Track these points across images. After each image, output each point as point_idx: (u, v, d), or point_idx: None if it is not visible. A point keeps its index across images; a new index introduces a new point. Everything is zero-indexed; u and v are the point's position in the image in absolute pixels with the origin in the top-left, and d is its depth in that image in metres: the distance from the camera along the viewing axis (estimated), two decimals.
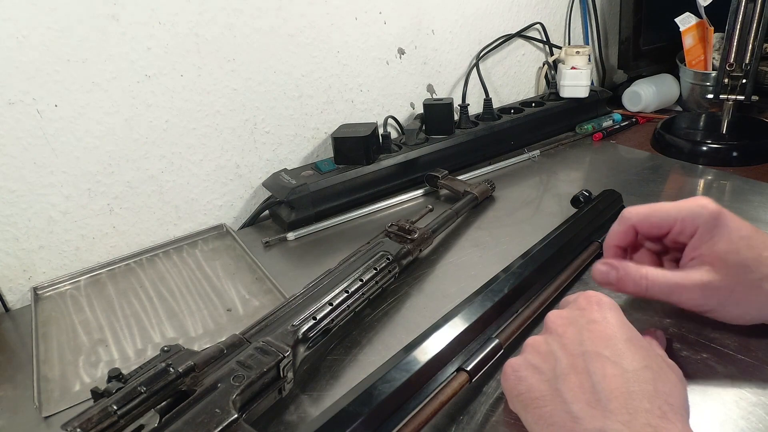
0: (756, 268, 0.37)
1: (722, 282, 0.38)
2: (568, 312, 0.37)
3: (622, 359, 0.32)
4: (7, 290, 0.61)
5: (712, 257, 0.38)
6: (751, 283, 0.37)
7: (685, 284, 0.39)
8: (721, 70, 0.75)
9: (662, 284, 0.40)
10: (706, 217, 0.39)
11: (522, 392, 0.34)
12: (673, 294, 0.40)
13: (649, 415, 0.29)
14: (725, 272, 0.38)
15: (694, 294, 0.39)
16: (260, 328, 0.41)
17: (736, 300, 0.38)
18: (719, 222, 0.38)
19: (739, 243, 0.38)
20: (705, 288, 0.38)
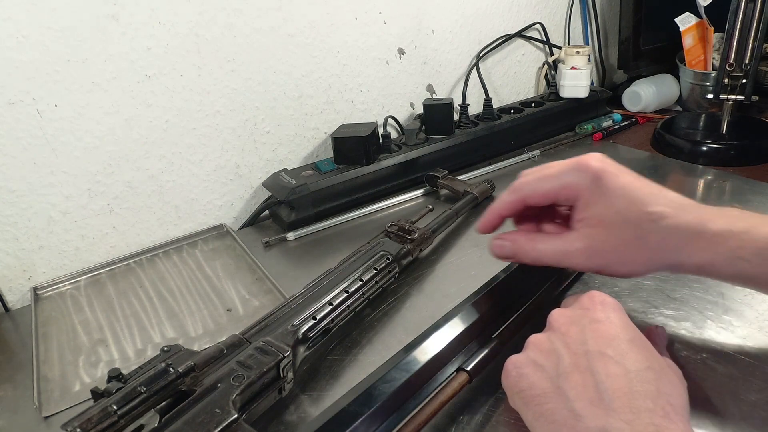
0: (639, 225, 0.37)
1: (605, 244, 0.38)
2: (571, 311, 0.37)
3: (625, 359, 0.32)
4: (7, 290, 0.61)
5: (595, 220, 0.38)
6: (635, 240, 0.37)
7: (570, 250, 0.39)
8: (721, 70, 0.75)
9: (550, 253, 0.40)
10: (587, 182, 0.38)
11: (523, 389, 0.34)
12: (561, 261, 0.40)
13: (652, 414, 0.29)
14: (608, 234, 0.38)
15: (579, 258, 0.39)
16: (260, 328, 0.41)
17: (621, 259, 0.38)
18: (600, 183, 0.38)
19: (620, 203, 0.37)
20: (588, 251, 0.39)
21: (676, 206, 0.37)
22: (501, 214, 0.44)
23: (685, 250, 0.37)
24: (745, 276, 0.36)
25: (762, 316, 0.44)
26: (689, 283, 0.49)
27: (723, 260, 0.36)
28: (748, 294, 0.47)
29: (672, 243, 0.37)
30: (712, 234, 0.36)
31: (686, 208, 0.37)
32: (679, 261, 0.37)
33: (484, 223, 0.44)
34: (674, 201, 0.38)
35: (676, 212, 0.37)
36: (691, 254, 0.37)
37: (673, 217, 0.37)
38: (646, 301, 0.47)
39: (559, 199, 0.41)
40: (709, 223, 0.36)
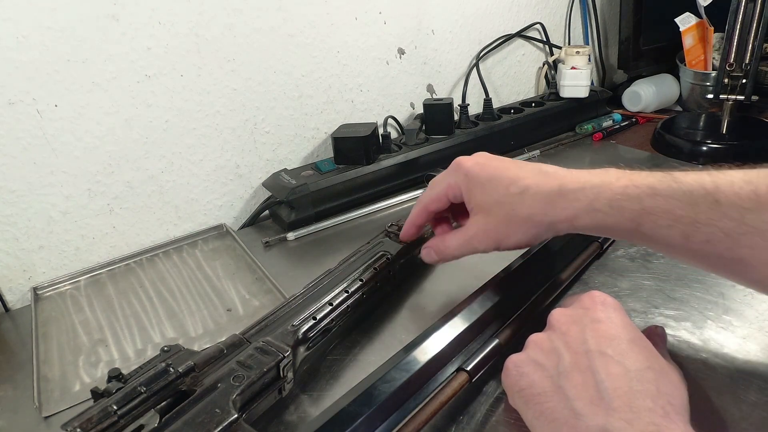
0: (508, 203, 0.42)
1: (489, 224, 0.43)
2: (572, 311, 0.37)
3: (625, 359, 0.32)
4: (7, 290, 0.61)
5: (477, 208, 0.44)
6: (510, 215, 0.42)
7: (467, 238, 0.45)
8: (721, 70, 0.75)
9: (457, 245, 0.46)
10: (462, 178, 0.45)
11: (523, 388, 0.34)
12: (468, 248, 0.46)
13: (652, 414, 0.29)
14: (488, 216, 0.43)
15: (477, 243, 0.45)
16: (260, 328, 0.41)
17: (506, 233, 0.43)
18: (471, 177, 0.44)
19: (490, 188, 0.43)
20: (480, 235, 0.44)
21: (538, 178, 0.42)
22: (415, 224, 0.50)
23: (552, 212, 0.41)
24: (603, 226, 0.39)
25: (762, 316, 0.44)
26: (689, 283, 0.49)
27: (583, 212, 0.39)
28: (748, 294, 0.47)
29: (539, 209, 0.41)
30: (570, 191, 0.40)
31: (548, 176, 0.42)
32: (551, 221, 0.41)
33: (403, 234, 0.52)
34: (536, 173, 0.42)
35: (538, 182, 0.42)
36: (557, 213, 0.40)
37: (534, 187, 0.41)
38: (646, 301, 0.47)
39: (451, 198, 0.47)
40: (568, 184, 0.40)
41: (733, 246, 0.34)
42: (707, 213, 0.35)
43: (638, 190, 0.37)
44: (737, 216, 0.34)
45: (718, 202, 0.34)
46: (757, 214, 0.33)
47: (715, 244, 0.35)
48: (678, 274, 0.51)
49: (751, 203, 0.33)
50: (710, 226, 0.34)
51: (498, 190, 0.43)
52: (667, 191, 0.36)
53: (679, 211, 0.35)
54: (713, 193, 0.35)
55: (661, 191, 0.36)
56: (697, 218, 0.35)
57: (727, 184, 0.35)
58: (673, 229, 0.36)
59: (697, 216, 0.35)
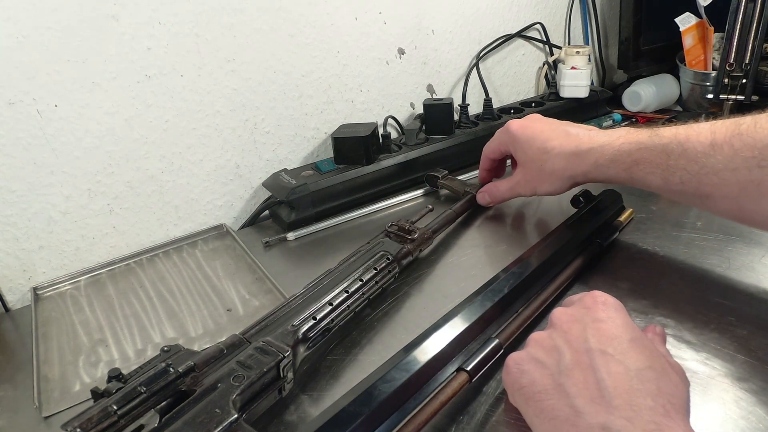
0: (539, 158, 0.55)
1: (527, 175, 0.57)
2: (573, 310, 0.37)
3: (626, 358, 0.32)
4: (7, 290, 0.61)
5: (519, 162, 0.59)
6: (541, 168, 0.55)
7: (512, 185, 0.60)
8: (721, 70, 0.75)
9: (505, 190, 0.62)
10: (508, 138, 0.59)
11: (524, 385, 0.34)
12: (512, 193, 0.61)
13: (653, 412, 0.29)
14: (526, 169, 0.57)
15: (519, 188, 0.59)
16: (260, 328, 0.41)
17: (540, 182, 0.56)
18: (515, 137, 0.58)
19: (527, 147, 0.56)
20: (521, 183, 0.59)
21: (561, 139, 0.54)
22: (484, 168, 0.66)
23: (570, 168, 0.53)
24: (606, 177, 0.50)
25: (762, 316, 0.44)
26: (689, 283, 0.49)
27: (592, 168, 0.51)
28: (748, 294, 0.47)
29: (560, 165, 0.53)
30: (583, 151, 0.51)
31: (570, 137, 0.54)
32: (571, 175, 0.53)
33: (481, 179, 0.68)
34: (562, 135, 0.54)
35: (561, 143, 0.54)
36: (574, 169, 0.52)
37: (558, 147, 0.54)
38: (646, 301, 0.47)
39: (504, 151, 0.62)
40: (582, 145, 0.52)
41: (699, 185, 0.42)
42: (677, 160, 0.43)
43: (630, 145, 0.47)
44: (700, 160, 0.42)
45: (686, 150, 0.43)
46: (713, 158, 0.41)
47: (686, 183, 0.43)
48: (678, 274, 0.51)
49: (710, 149, 0.41)
50: (680, 170, 0.43)
51: (532, 149, 0.56)
52: (651, 144, 0.46)
53: (658, 160, 0.45)
54: (683, 143, 0.43)
55: (647, 144, 0.46)
56: (671, 164, 0.44)
57: (694, 135, 0.43)
58: (655, 174, 0.45)
59: (670, 163, 0.44)
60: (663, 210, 0.62)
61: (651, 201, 0.64)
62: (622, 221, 0.58)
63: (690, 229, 0.57)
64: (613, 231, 0.56)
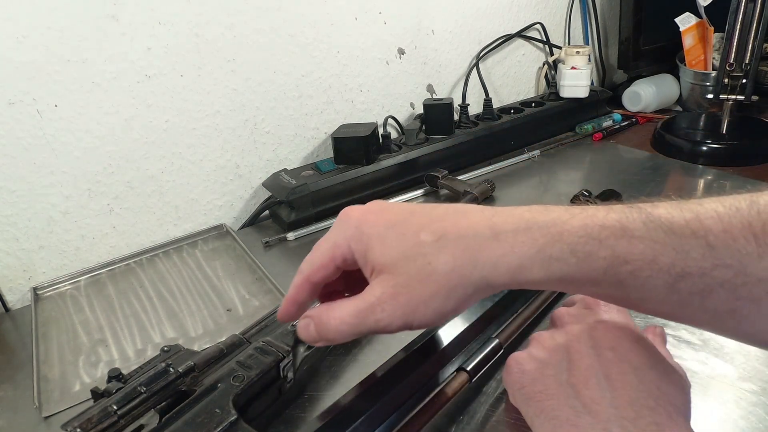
0: (419, 253, 0.30)
1: (397, 286, 0.30)
2: (575, 310, 0.37)
3: (627, 358, 0.32)
4: (7, 290, 0.61)
5: (379, 266, 0.31)
6: (421, 271, 0.30)
7: (367, 306, 0.31)
8: (721, 70, 0.75)
9: (349, 315, 0.31)
10: (352, 231, 0.33)
11: (525, 385, 0.34)
12: (363, 322, 0.31)
13: (655, 413, 0.29)
14: (393, 274, 0.31)
15: (380, 311, 0.30)
16: (260, 328, 0.41)
17: (421, 297, 0.30)
18: (362, 228, 0.32)
19: (389, 238, 0.31)
20: (385, 300, 0.30)
21: (456, 218, 0.31)
22: (296, 300, 0.35)
23: (481, 264, 0.29)
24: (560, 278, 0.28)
25: None
26: None
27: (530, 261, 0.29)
28: None
29: (465, 259, 0.29)
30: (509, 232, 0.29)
31: (469, 214, 0.31)
32: (483, 276, 0.29)
33: (281, 314, 0.35)
34: (453, 212, 0.32)
35: (457, 224, 0.31)
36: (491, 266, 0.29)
37: (454, 231, 0.30)
38: None
39: (340, 263, 0.34)
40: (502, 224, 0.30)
41: (730, 298, 0.27)
42: (700, 261, 0.26)
43: (605, 231, 0.28)
44: (736, 264, 0.26)
45: (711, 246, 0.26)
46: (758, 261, 0.26)
47: (707, 296, 0.27)
48: None
49: (750, 248, 0.26)
50: (704, 276, 0.26)
51: (405, 240, 0.31)
52: (643, 231, 0.28)
53: (665, 259, 0.27)
54: (704, 235, 0.27)
55: (635, 231, 0.28)
56: (687, 267, 0.27)
57: (714, 222, 0.27)
58: (656, 280, 0.27)
59: (686, 264, 0.27)
60: None
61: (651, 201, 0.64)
62: None
63: None
64: None
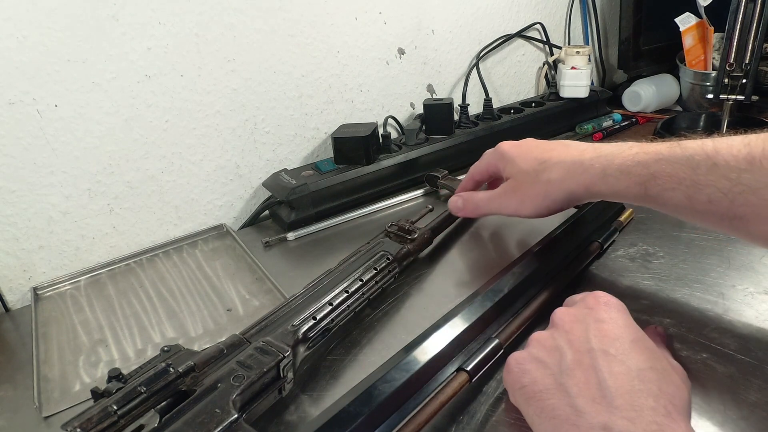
0: (531, 169, 0.49)
1: (516, 187, 0.51)
2: (575, 310, 0.37)
3: (628, 358, 0.32)
4: (7, 290, 0.61)
5: (510, 176, 0.52)
6: (532, 179, 0.49)
7: (494, 197, 0.53)
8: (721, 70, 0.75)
9: (483, 201, 0.54)
10: (499, 156, 0.54)
11: (525, 385, 0.34)
12: (491, 205, 0.53)
13: (655, 413, 0.29)
14: (515, 182, 0.51)
15: (500, 200, 0.52)
16: (260, 328, 0.41)
17: (526, 194, 0.49)
18: (506, 156, 0.52)
19: (519, 161, 0.50)
20: (505, 193, 0.52)
21: (560, 149, 0.48)
22: (464, 188, 0.60)
23: (570, 179, 0.46)
24: (615, 191, 0.43)
25: (762, 316, 0.44)
26: (689, 283, 0.49)
27: (597, 179, 0.44)
28: (748, 294, 0.47)
29: (559, 175, 0.46)
30: (587, 159, 0.45)
31: (570, 147, 0.48)
32: (570, 189, 0.46)
33: (453, 198, 0.59)
34: (561, 146, 0.49)
35: (560, 153, 0.48)
36: (575, 180, 0.45)
37: (556, 157, 0.47)
38: (646, 301, 0.47)
39: (492, 172, 0.56)
40: (585, 153, 0.45)
41: (731, 205, 0.37)
42: (706, 175, 0.37)
43: (647, 156, 0.41)
44: (733, 176, 0.36)
45: (716, 164, 0.37)
46: (751, 174, 0.35)
47: (716, 203, 0.37)
48: (678, 274, 0.51)
49: (745, 164, 0.36)
50: (709, 186, 0.37)
51: (526, 161, 0.50)
52: (672, 156, 0.39)
53: (682, 174, 0.38)
54: (712, 157, 0.37)
55: (667, 156, 0.39)
56: (698, 180, 0.38)
57: (725, 148, 0.37)
58: (677, 191, 0.39)
59: (697, 178, 0.38)
60: None
61: None
62: (622, 221, 0.58)
63: (690, 229, 0.57)
64: (613, 231, 0.56)
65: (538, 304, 0.46)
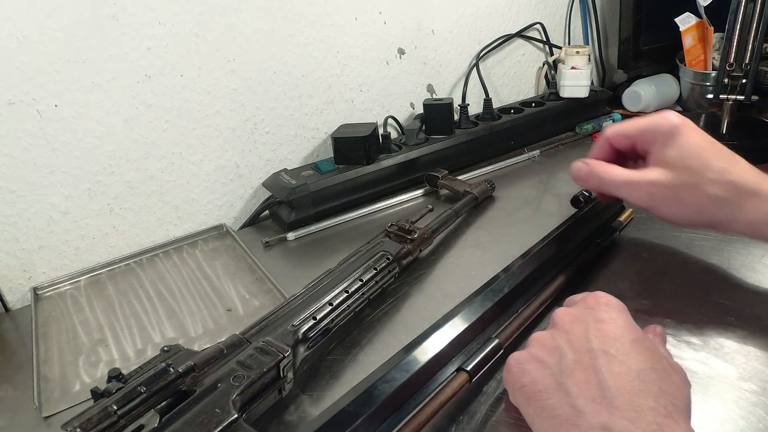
0: (701, 174, 0.42)
1: (668, 182, 0.43)
2: (575, 310, 0.37)
3: (628, 359, 0.32)
4: (7, 290, 0.61)
5: (666, 161, 0.43)
6: (695, 185, 0.42)
7: (636, 181, 0.44)
8: (721, 70, 0.75)
9: (617, 179, 0.45)
10: (665, 127, 0.44)
11: (525, 384, 0.34)
12: (627, 188, 0.45)
13: (655, 413, 0.29)
14: (674, 174, 0.43)
15: (643, 189, 0.44)
16: (260, 328, 0.41)
17: (677, 198, 0.43)
18: (676, 132, 0.43)
19: (689, 151, 0.42)
20: (651, 185, 0.43)
21: (738, 166, 0.42)
22: (594, 157, 0.49)
23: (739, 205, 0.41)
24: None
25: (762, 316, 0.44)
26: (690, 283, 0.49)
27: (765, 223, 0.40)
28: (748, 294, 0.47)
29: (728, 195, 0.41)
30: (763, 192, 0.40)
31: (747, 170, 0.42)
32: (732, 215, 0.41)
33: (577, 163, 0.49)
34: (737, 161, 0.43)
35: (737, 170, 0.42)
36: (744, 210, 0.41)
37: (734, 173, 0.41)
38: (646, 301, 0.47)
39: (638, 141, 0.46)
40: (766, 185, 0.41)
41: None
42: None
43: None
44: None
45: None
46: None
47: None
48: (678, 273, 0.51)
49: None
50: None
51: (698, 159, 0.42)
52: None
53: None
54: None
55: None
56: None
57: None
58: None
59: None
60: None
61: None
62: (622, 221, 0.58)
63: (690, 230, 0.57)
64: (613, 231, 0.56)
65: (538, 304, 0.46)
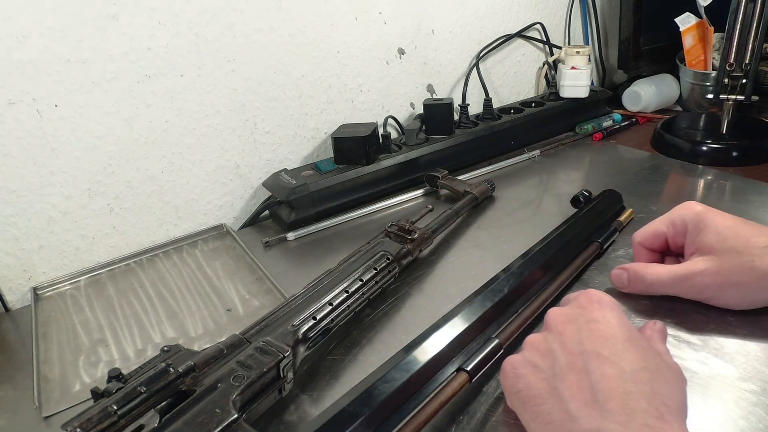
0: (746, 252, 0.41)
1: (718, 267, 0.42)
2: (568, 310, 0.37)
3: (620, 359, 0.32)
4: (7, 290, 0.61)
5: (705, 248, 0.43)
6: (744, 265, 0.41)
7: (685, 274, 0.44)
8: (721, 70, 0.75)
9: (665, 277, 0.45)
10: (692, 216, 0.45)
11: (520, 390, 0.34)
12: (676, 285, 0.44)
13: (647, 415, 0.29)
14: (719, 259, 0.42)
15: (694, 281, 0.43)
16: (260, 328, 0.41)
17: (734, 282, 0.42)
18: (703, 217, 0.44)
19: (725, 232, 0.43)
20: (703, 274, 0.43)
21: None
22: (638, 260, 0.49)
23: None
24: None
25: (762, 316, 0.44)
26: None
27: None
28: None
29: None
30: None
31: None
32: None
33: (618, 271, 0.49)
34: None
35: None
36: None
37: None
38: (647, 302, 0.47)
39: (670, 236, 0.47)
40: None
41: None
42: None
43: None
44: None
45: None
46: None
47: None
48: None
49: None
50: None
51: (738, 239, 0.42)
52: None
53: None
54: None
55: None
56: None
57: None
58: None
59: None
60: (663, 210, 0.61)
61: (651, 201, 0.64)
62: (622, 221, 0.58)
63: None
64: (613, 231, 0.56)
65: (537, 304, 0.46)
